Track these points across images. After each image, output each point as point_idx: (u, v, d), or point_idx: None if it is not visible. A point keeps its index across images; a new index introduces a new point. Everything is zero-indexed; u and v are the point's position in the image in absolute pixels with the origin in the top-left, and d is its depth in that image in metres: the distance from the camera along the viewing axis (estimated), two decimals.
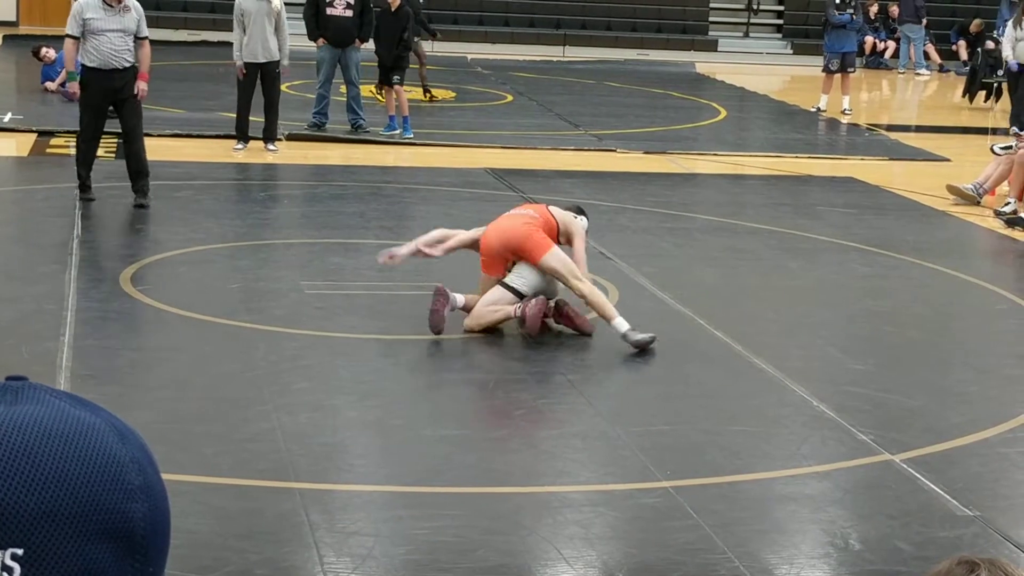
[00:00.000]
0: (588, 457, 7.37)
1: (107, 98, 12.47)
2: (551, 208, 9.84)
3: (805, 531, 6.59)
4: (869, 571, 6.12)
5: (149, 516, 1.19)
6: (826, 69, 21.39)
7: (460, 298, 9.31)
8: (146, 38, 12.62)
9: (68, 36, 12.48)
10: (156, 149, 15.51)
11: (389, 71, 16.86)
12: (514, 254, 9.45)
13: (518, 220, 9.54)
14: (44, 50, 19.34)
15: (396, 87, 16.88)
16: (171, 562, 1.21)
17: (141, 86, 12.54)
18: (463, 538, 6.15)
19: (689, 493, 6.74)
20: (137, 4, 12.53)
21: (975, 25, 28.56)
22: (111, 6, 12.32)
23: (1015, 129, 15.88)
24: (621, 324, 9.06)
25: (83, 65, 12.35)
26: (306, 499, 6.46)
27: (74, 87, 12.68)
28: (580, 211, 9.95)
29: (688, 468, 7.13)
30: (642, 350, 8.99)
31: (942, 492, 6.93)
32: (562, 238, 9.62)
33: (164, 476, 1.23)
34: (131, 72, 12.45)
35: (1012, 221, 13.71)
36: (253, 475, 6.74)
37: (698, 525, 6.38)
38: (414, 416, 7.73)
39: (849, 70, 21.23)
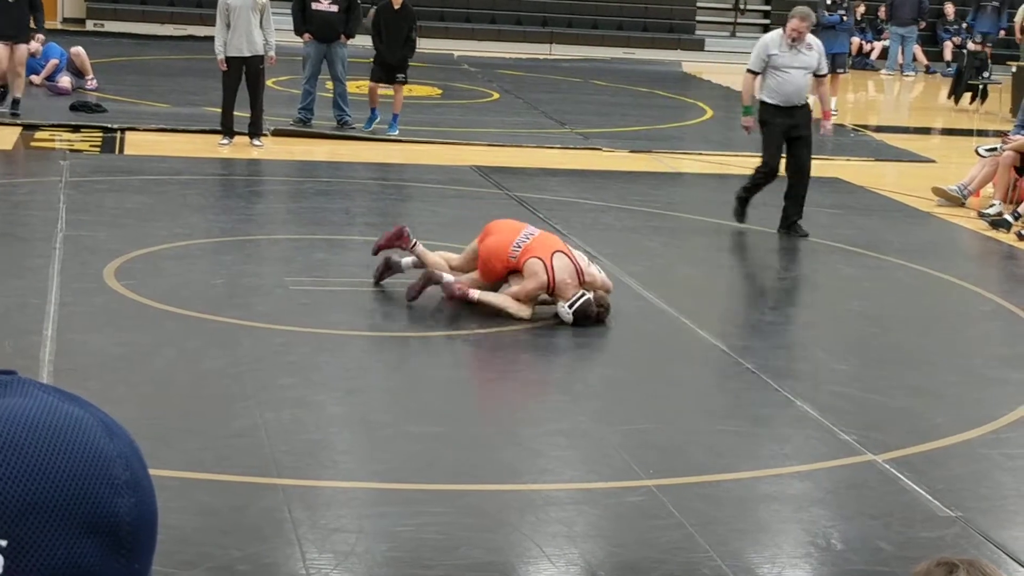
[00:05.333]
0: (571, 455, 7.38)
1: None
2: (538, 254, 9.71)
3: (787, 531, 6.60)
4: (851, 571, 6.14)
5: (135, 511, 1.19)
6: None
7: (408, 261, 9.95)
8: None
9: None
10: (141, 144, 15.51)
11: (394, 70, 16.71)
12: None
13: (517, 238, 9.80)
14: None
15: (398, 85, 16.77)
16: (155, 557, 1.22)
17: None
18: (446, 535, 6.15)
19: (672, 492, 6.75)
20: None
21: (949, 9, 28.79)
22: None
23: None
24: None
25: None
26: (289, 495, 6.46)
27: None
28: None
29: (671, 467, 7.14)
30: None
31: (924, 493, 6.95)
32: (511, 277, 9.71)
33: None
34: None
35: (996, 223, 13.75)
36: (236, 471, 6.74)
37: (681, 524, 6.39)
38: (398, 413, 7.73)
39: (839, 71, 21.24)
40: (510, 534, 6.33)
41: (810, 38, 12.89)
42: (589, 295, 9.44)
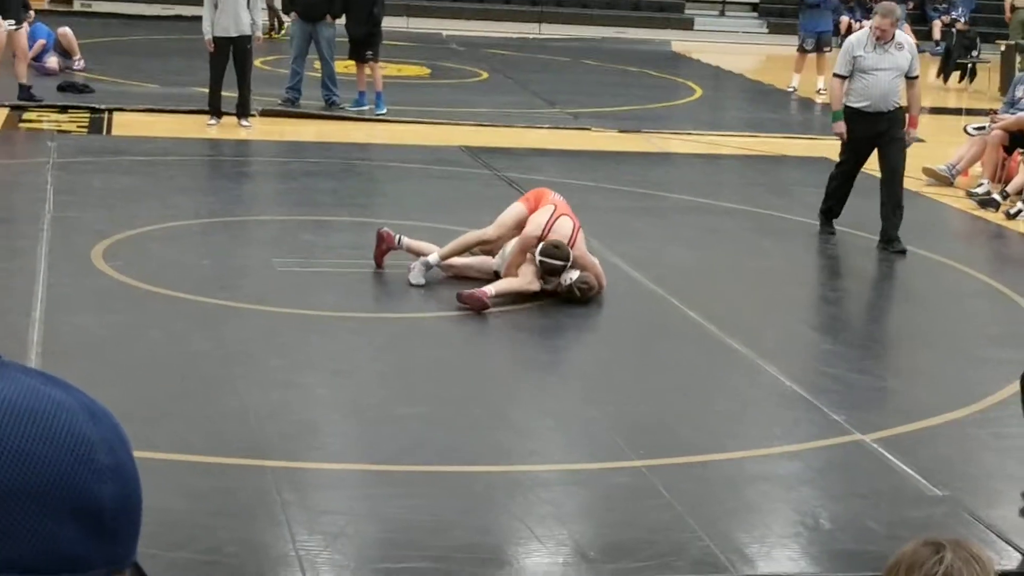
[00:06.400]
0: (561, 436, 7.38)
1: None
2: (554, 203, 9.88)
3: (776, 511, 6.61)
4: (839, 550, 6.15)
5: (118, 496, 1.18)
6: (801, 49, 21.42)
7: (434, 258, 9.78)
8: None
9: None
10: (129, 124, 15.47)
11: (361, 47, 16.79)
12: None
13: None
14: None
15: (371, 63, 16.82)
16: (141, 540, 1.21)
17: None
18: (435, 517, 6.15)
19: (661, 472, 6.75)
20: None
21: None
22: None
23: None
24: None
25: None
26: (278, 477, 6.45)
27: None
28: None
29: (660, 447, 7.14)
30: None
31: (912, 472, 6.96)
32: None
33: (134, 453, 1.22)
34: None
35: (985, 202, 13.76)
36: (225, 453, 6.73)
37: (670, 504, 6.39)
38: (387, 394, 7.72)
39: (825, 50, 21.22)
40: (499, 515, 6.33)
41: (901, 36, 11.92)
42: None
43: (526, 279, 9.57)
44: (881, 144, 11.78)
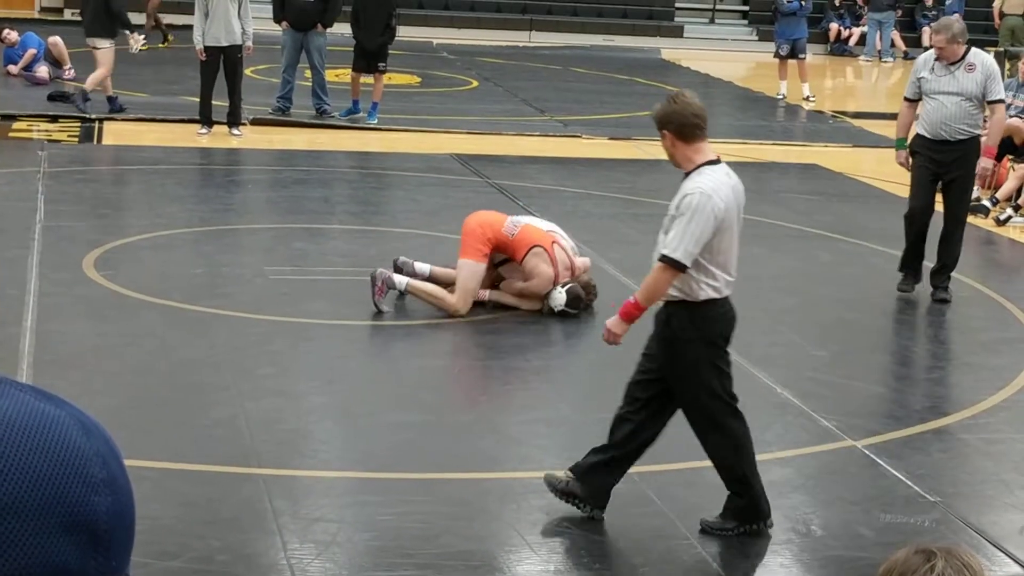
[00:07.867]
0: (552, 443, 7.39)
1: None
2: (540, 243, 9.63)
3: None
4: (830, 557, 6.16)
5: (112, 509, 1.18)
6: (777, 55, 21.44)
7: (402, 280, 9.41)
8: None
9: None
10: (119, 133, 15.46)
11: (374, 58, 16.66)
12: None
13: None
14: (6, 32, 19.16)
15: (378, 74, 16.71)
16: (133, 549, 1.21)
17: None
18: (427, 524, 6.16)
19: (653, 479, 6.76)
20: None
21: None
22: None
23: None
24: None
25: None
26: (269, 485, 6.45)
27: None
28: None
29: (652, 454, 7.13)
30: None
31: (903, 478, 6.97)
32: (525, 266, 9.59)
33: (126, 462, 1.23)
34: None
35: (975, 208, 13.76)
36: (216, 461, 6.73)
37: (661, 511, 6.40)
38: (378, 402, 7.73)
39: (801, 56, 21.21)
40: (491, 522, 6.34)
41: (975, 57, 10.48)
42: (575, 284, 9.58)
43: (533, 304, 9.58)
44: (945, 183, 10.57)
